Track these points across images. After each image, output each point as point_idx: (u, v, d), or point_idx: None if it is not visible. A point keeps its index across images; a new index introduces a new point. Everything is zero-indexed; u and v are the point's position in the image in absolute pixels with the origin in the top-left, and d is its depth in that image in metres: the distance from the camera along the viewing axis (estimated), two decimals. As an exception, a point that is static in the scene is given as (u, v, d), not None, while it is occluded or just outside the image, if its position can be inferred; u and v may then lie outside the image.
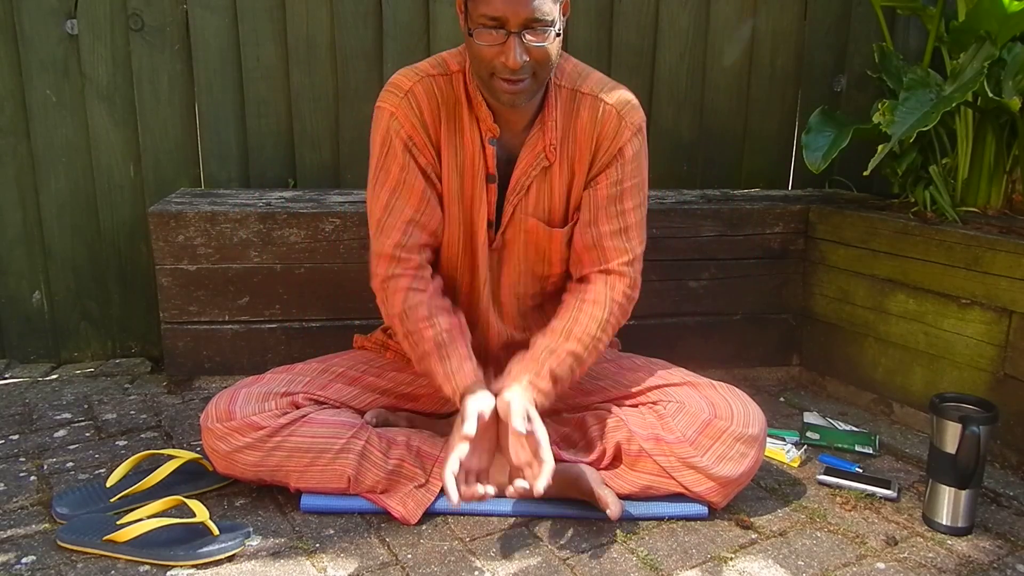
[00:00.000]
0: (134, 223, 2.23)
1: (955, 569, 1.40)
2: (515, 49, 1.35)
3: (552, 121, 1.52)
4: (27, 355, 2.28)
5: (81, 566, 1.35)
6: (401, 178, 1.49)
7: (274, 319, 2.04)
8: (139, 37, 2.15)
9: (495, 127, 1.50)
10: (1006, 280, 1.72)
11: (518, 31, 1.34)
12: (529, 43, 1.35)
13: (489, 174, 1.52)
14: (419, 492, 1.51)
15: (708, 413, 1.51)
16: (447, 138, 1.51)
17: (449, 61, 1.52)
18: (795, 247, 2.15)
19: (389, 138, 1.49)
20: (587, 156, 1.54)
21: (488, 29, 1.35)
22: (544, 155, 1.53)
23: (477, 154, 1.52)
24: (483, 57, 1.38)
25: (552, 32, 1.37)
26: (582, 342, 1.50)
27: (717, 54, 2.36)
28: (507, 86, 1.39)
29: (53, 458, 1.72)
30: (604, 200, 1.53)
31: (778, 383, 2.22)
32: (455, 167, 1.52)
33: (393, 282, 1.50)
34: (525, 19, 1.33)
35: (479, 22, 1.36)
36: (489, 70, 1.39)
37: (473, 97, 1.50)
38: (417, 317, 1.48)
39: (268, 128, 2.26)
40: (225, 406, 1.50)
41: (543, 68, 1.40)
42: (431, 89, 1.49)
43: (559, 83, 1.52)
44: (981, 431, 1.43)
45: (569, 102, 1.53)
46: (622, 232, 1.54)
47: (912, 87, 1.92)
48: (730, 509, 1.55)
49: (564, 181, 1.55)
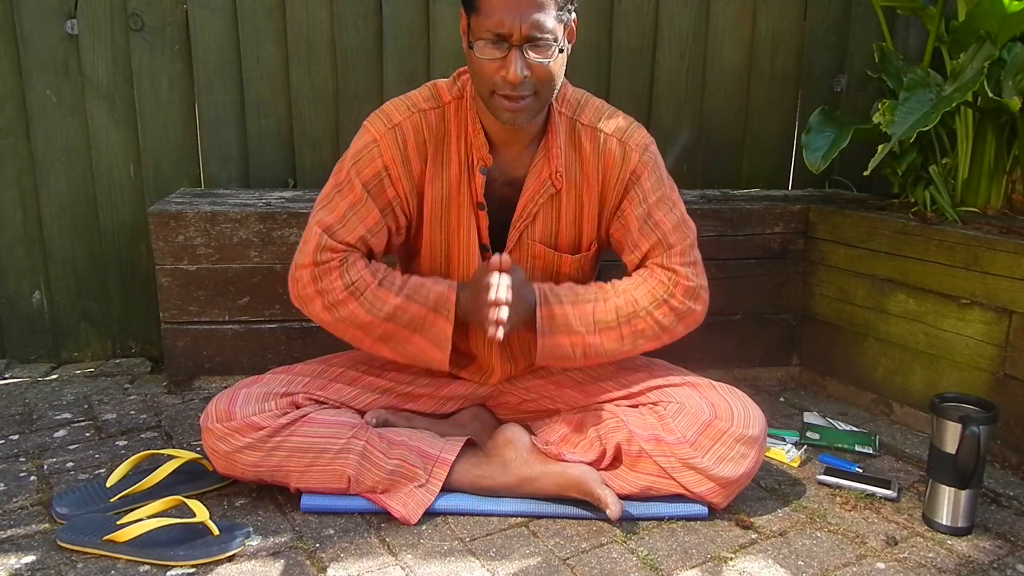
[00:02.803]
0: (134, 223, 2.23)
1: (955, 569, 1.40)
2: (516, 63, 1.36)
3: (557, 148, 1.52)
4: (27, 355, 2.28)
5: (81, 566, 1.35)
6: (363, 198, 1.50)
7: (274, 319, 2.04)
8: (139, 37, 2.15)
9: (488, 157, 1.51)
10: (1006, 280, 1.72)
11: (520, 45, 1.35)
12: (531, 59, 1.37)
13: (478, 202, 1.53)
14: (419, 492, 1.51)
15: (708, 414, 1.51)
16: (433, 171, 1.53)
17: (443, 92, 1.54)
18: (795, 247, 2.15)
19: (364, 159, 1.50)
20: (595, 188, 1.55)
21: (490, 43, 1.36)
22: (551, 182, 1.53)
23: (464, 183, 1.53)
24: (484, 73, 1.39)
25: (554, 49, 1.38)
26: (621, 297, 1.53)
27: (717, 55, 2.36)
28: (508, 103, 1.40)
29: (53, 458, 1.72)
30: (637, 225, 1.55)
31: (778, 383, 2.22)
32: (440, 197, 1.54)
33: (324, 266, 1.49)
34: (527, 34, 1.35)
35: (481, 36, 1.37)
36: (490, 87, 1.40)
37: (471, 124, 1.51)
38: (365, 284, 1.49)
39: (268, 128, 2.26)
40: (225, 406, 1.50)
41: (545, 86, 1.41)
42: (419, 125, 1.51)
43: (560, 110, 1.54)
44: (981, 431, 1.43)
45: (570, 131, 1.54)
46: (662, 242, 1.55)
47: (912, 87, 1.92)
48: (730, 509, 1.55)
49: (572, 209, 1.56)
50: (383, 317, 1.49)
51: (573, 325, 1.52)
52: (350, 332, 1.53)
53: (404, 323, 1.50)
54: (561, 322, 1.52)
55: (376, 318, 1.49)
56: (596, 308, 1.53)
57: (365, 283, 1.49)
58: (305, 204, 2.05)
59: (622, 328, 1.53)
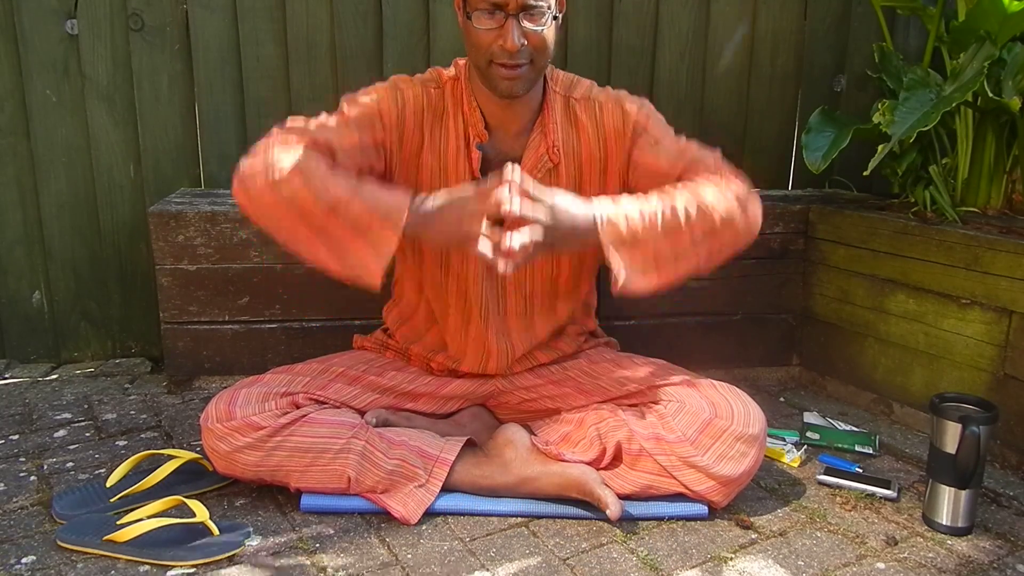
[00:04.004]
0: (134, 223, 2.23)
1: (955, 569, 1.40)
2: (513, 31, 1.39)
3: (553, 123, 1.54)
4: (27, 355, 2.28)
5: (81, 566, 1.35)
6: (347, 123, 1.48)
7: (274, 319, 2.04)
8: (139, 37, 2.15)
9: (484, 133, 1.53)
10: (1006, 280, 1.72)
11: (516, 13, 1.39)
12: (526, 27, 1.40)
13: (474, 177, 1.53)
14: (419, 492, 1.51)
15: (709, 412, 1.51)
16: (430, 144, 1.54)
17: (443, 73, 1.58)
18: (795, 247, 2.15)
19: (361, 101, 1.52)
20: (597, 156, 1.57)
21: (486, 12, 1.40)
22: (547, 157, 1.54)
23: (461, 159, 1.54)
24: (481, 43, 1.42)
25: (549, 17, 1.41)
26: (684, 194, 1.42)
27: (717, 54, 2.36)
28: (505, 71, 1.43)
29: (53, 458, 1.72)
30: (661, 159, 1.55)
31: (778, 383, 2.22)
32: (437, 171, 1.54)
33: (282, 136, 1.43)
34: (523, 2, 1.38)
35: (477, 6, 1.40)
36: (487, 57, 1.43)
37: (467, 103, 1.53)
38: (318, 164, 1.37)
39: (268, 128, 2.23)
40: (225, 406, 1.50)
41: (540, 54, 1.44)
42: (420, 96, 1.54)
43: (555, 89, 1.56)
44: (981, 431, 1.43)
45: (565, 108, 1.57)
46: (697, 160, 1.53)
47: (912, 87, 1.92)
48: (730, 509, 1.55)
49: (571, 183, 1.56)
50: (326, 206, 1.34)
51: (639, 231, 1.37)
52: (288, 220, 1.37)
53: (349, 221, 1.35)
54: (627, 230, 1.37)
55: (319, 206, 1.34)
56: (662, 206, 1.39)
57: (318, 164, 1.37)
58: (305, 204, 2.05)
59: (693, 228, 1.40)
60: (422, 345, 1.70)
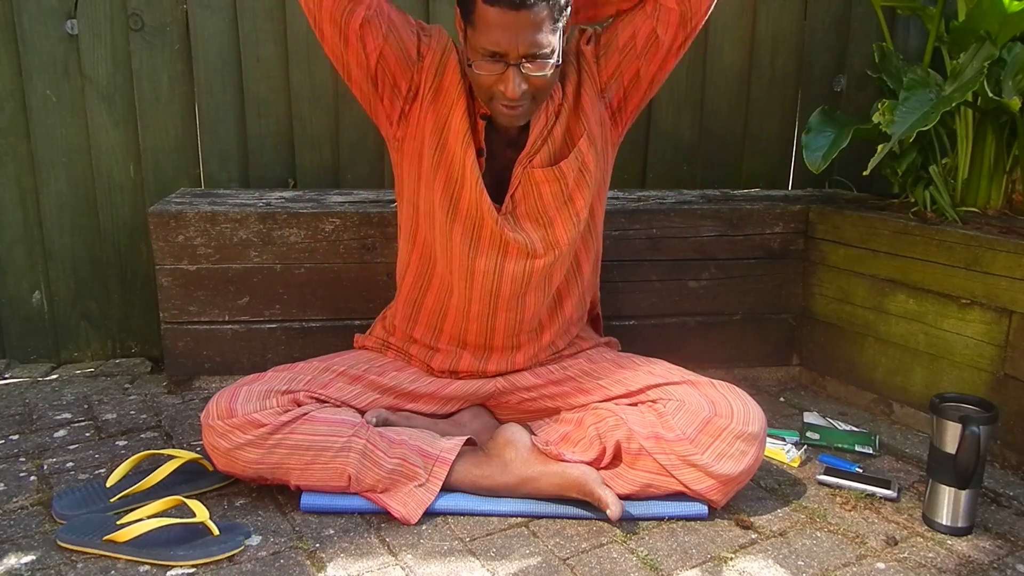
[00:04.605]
0: (134, 223, 2.23)
1: (955, 569, 1.40)
2: (514, 80, 1.40)
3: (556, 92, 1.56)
4: (27, 355, 2.28)
5: (81, 566, 1.35)
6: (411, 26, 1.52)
7: (274, 319, 2.04)
8: (139, 37, 2.15)
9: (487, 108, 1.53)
10: (1006, 280, 1.72)
11: (517, 63, 1.38)
12: (528, 72, 1.40)
13: (479, 148, 1.54)
14: (419, 492, 1.51)
15: (708, 411, 1.51)
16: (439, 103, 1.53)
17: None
18: (795, 247, 2.15)
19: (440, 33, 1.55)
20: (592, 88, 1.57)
21: (488, 60, 1.39)
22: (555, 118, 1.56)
23: (465, 129, 1.53)
24: (482, 84, 1.44)
25: (551, 64, 1.41)
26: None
27: (717, 54, 2.36)
28: (506, 110, 1.45)
29: (53, 458, 1.72)
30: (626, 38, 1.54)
31: (778, 383, 2.22)
32: (438, 134, 1.54)
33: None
34: (524, 52, 1.37)
35: (479, 53, 1.39)
36: (488, 95, 1.45)
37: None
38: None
39: (268, 128, 2.26)
40: (226, 403, 1.50)
41: (542, 93, 1.46)
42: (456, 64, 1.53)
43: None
44: (981, 431, 1.43)
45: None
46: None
47: (912, 87, 1.92)
48: (730, 509, 1.55)
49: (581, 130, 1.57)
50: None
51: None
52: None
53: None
54: None
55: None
56: None
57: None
58: (305, 204, 2.05)
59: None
60: (423, 327, 1.68)
